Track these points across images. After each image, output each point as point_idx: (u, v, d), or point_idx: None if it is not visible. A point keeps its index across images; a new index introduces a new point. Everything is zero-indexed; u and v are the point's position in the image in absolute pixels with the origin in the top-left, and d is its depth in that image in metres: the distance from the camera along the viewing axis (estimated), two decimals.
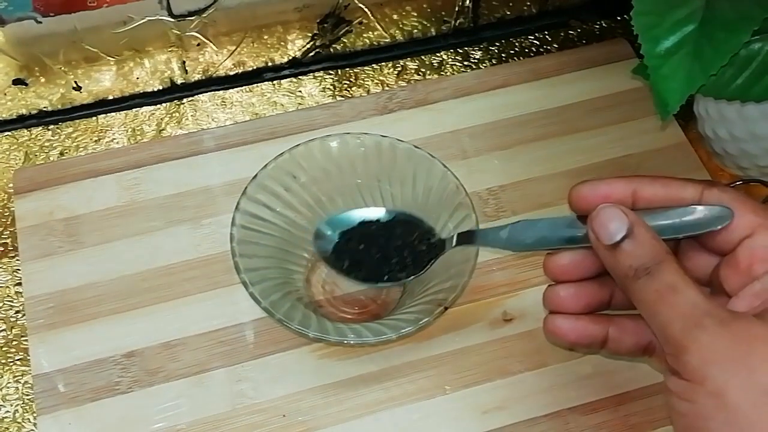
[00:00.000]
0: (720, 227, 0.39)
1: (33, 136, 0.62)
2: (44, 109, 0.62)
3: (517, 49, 0.67)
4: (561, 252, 0.43)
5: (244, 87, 0.64)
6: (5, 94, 0.61)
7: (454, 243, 0.48)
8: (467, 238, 0.48)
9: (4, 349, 0.52)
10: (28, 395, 0.51)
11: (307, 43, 0.65)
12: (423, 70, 0.65)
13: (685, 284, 0.37)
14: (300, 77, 0.65)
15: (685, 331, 0.36)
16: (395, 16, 0.66)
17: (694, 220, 0.40)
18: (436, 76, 0.65)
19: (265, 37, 0.64)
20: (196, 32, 0.62)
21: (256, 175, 0.51)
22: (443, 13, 0.66)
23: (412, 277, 0.50)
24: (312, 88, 0.64)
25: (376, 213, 0.52)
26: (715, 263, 0.41)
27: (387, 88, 0.64)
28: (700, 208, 0.40)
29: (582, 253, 0.43)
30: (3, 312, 0.54)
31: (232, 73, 0.65)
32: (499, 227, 0.45)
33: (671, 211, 0.40)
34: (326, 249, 0.51)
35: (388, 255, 0.50)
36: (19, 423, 0.50)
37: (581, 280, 0.43)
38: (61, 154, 0.61)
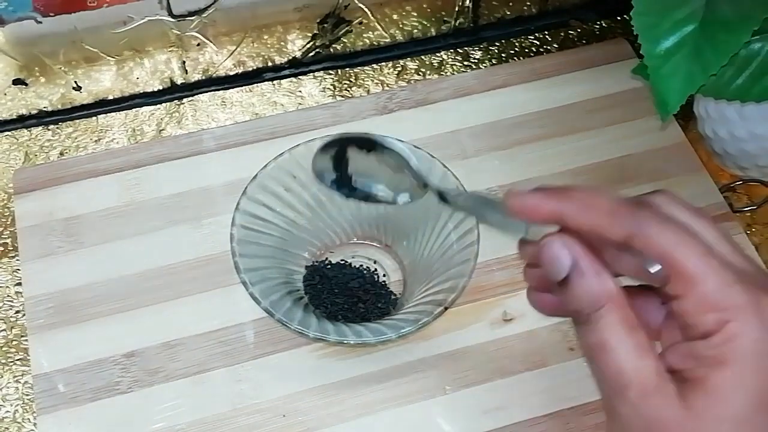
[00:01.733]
0: (654, 284, 0.35)
1: (33, 136, 0.62)
2: (44, 109, 0.62)
3: (517, 49, 0.67)
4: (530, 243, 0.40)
5: (244, 87, 0.64)
6: (5, 94, 0.61)
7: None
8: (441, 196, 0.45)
9: (4, 349, 0.52)
10: (28, 395, 0.51)
11: (307, 43, 0.65)
12: (423, 70, 0.65)
13: (617, 341, 0.35)
14: (300, 77, 0.65)
15: (609, 397, 0.35)
16: (395, 16, 0.66)
17: (628, 266, 0.35)
18: (436, 76, 0.65)
19: (265, 37, 0.64)
20: (196, 32, 0.62)
21: (256, 175, 0.51)
22: (443, 13, 0.66)
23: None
24: (312, 88, 0.64)
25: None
26: None
27: (387, 88, 0.64)
28: (629, 256, 0.35)
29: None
30: (3, 312, 0.54)
31: (232, 73, 0.65)
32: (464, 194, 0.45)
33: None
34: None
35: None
36: (19, 423, 0.50)
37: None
38: (61, 154, 0.61)
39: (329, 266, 0.53)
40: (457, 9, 0.66)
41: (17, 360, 0.52)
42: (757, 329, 0.34)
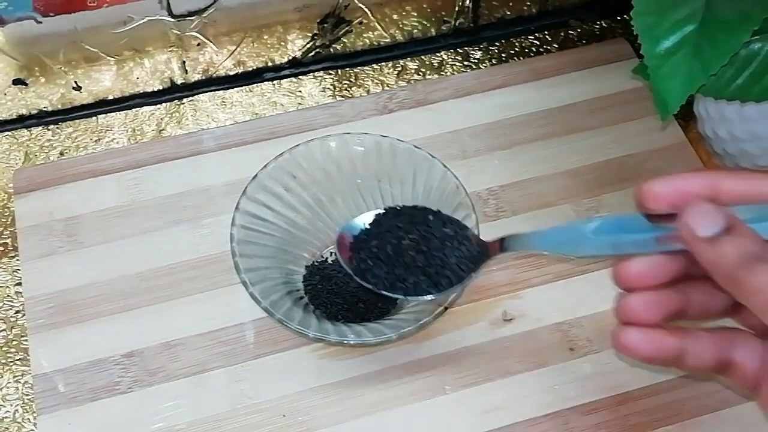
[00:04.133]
0: None
1: (33, 136, 0.62)
2: (44, 109, 0.62)
3: (517, 49, 0.67)
4: (634, 258, 0.39)
5: (244, 87, 0.64)
6: (5, 94, 0.61)
7: (499, 248, 0.44)
8: (514, 242, 0.44)
9: (4, 349, 0.52)
10: (28, 395, 0.51)
11: (307, 43, 0.65)
12: (423, 70, 0.65)
13: None
14: (300, 77, 0.65)
15: None
16: (395, 16, 0.66)
17: None
18: (436, 76, 0.65)
19: (265, 37, 0.64)
20: (196, 32, 0.62)
21: (256, 175, 0.51)
22: (443, 13, 0.66)
23: (451, 289, 0.46)
24: (312, 88, 0.64)
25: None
26: None
27: (387, 88, 0.64)
28: None
29: (657, 258, 0.38)
30: (3, 312, 0.54)
31: (232, 73, 0.65)
32: (555, 229, 0.42)
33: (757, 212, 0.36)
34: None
35: (421, 264, 0.46)
36: (19, 423, 0.50)
37: (655, 287, 0.39)
38: (61, 154, 0.61)
39: (329, 266, 0.53)
40: (457, 9, 0.66)
41: (17, 360, 0.52)
42: None
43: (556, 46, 0.67)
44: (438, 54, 0.66)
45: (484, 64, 0.66)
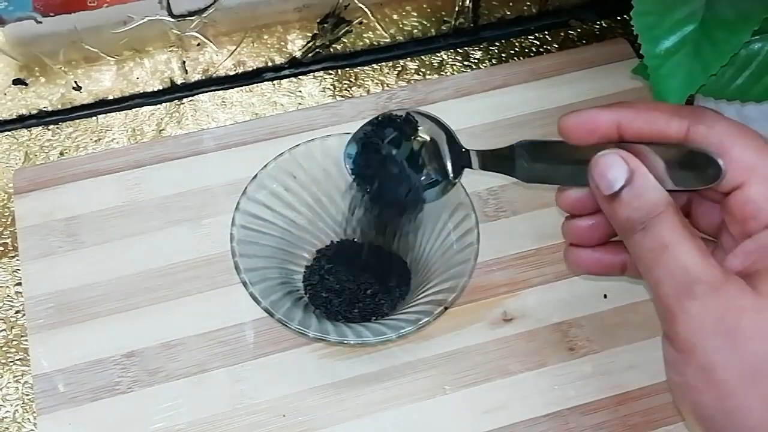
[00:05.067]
0: (708, 186, 0.36)
1: (33, 136, 0.62)
2: (44, 109, 0.62)
3: (517, 49, 0.67)
4: (573, 189, 0.42)
5: (244, 87, 0.64)
6: (5, 94, 0.61)
7: (473, 165, 0.46)
8: (479, 160, 0.46)
9: (4, 349, 0.52)
10: (28, 395, 0.51)
11: (307, 43, 0.65)
12: (423, 70, 0.65)
13: (679, 242, 0.35)
14: (300, 77, 0.65)
15: (675, 296, 0.35)
16: (395, 16, 0.66)
17: (679, 175, 0.37)
18: (436, 76, 0.65)
19: (265, 37, 0.64)
20: (196, 32, 0.62)
21: (256, 175, 0.51)
22: (443, 13, 0.66)
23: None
24: (312, 88, 0.64)
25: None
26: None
27: (387, 88, 0.64)
28: (683, 165, 0.37)
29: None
30: (3, 312, 0.54)
31: (232, 73, 0.65)
32: (508, 147, 0.44)
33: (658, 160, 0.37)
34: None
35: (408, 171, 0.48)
36: (19, 423, 0.50)
37: (595, 213, 0.42)
38: (61, 154, 0.61)
39: (329, 266, 0.53)
40: (457, 9, 0.66)
41: (17, 360, 0.52)
42: None
43: (556, 46, 0.67)
44: (438, 54, 0.66)
45: (484, 64, 0.66)
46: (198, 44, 0.63)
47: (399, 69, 0.65)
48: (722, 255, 0.38)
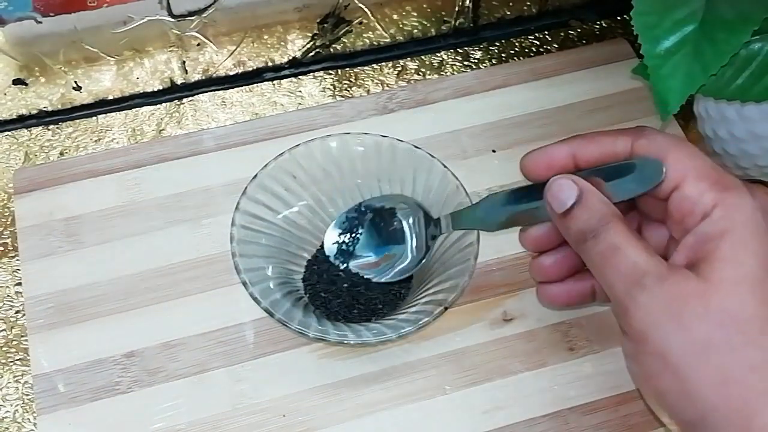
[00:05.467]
0: (653, 187, 0.40)
1: (33, 136, 0.62)
2: (44, 109, 0.62)
3: (517, 49, 0.67)
4: (533, 227, 0.46)
5: (244, 87, 0.64)
6: (5, 94, 0.61)
7: (442, 229, 0.50)
8: (450, 222, 0.49)
9: (4, 349, 0.52)
10: (28, 395, 0.51)
11: (307, 43, 0.65)
12: (423, 70, 0.65)
13: (627, 244, 0.38)
14: (300, 77, 0.65)
15: (627, 291, 0.37)
16: (395, 16, 0.66)
17: (629, 185, 0.41)
18: (436, 76, 0.65)
19: (265, 37, 0.64)
20: (196, 32, 0.62)
21: (256, 175, 0.51)
22: (443, 13, 0.66)
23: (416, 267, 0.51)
24: (312, 88, 0.64)
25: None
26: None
27: (387, 88, 0.64)
28: (630, 176, 0.41)
29: (549, 225, 0.45)
30: (3, 312, 0.54)
31: (232, 73, 0.65)
32: (473, 206, 0.48)
33: (610, 179, 0.42)
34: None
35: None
36: (19, 423, 0.50)
37: (558, 247, 0.46)
38: (61, 154, 0.61)
39: (329, 266, 0.53)
40: (457, 9, 0.66)
41: (17, 360, 0.52)
42: (751, 203, 0.38)
43: (556, 46, 0.67)
44: (438, 54, 0.66)
45: (484, 64, 0.66)
46: (198, 44, 0.63)
47: (399, 69, 0.65)
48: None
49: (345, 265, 0.52)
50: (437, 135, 0.59)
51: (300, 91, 0.64)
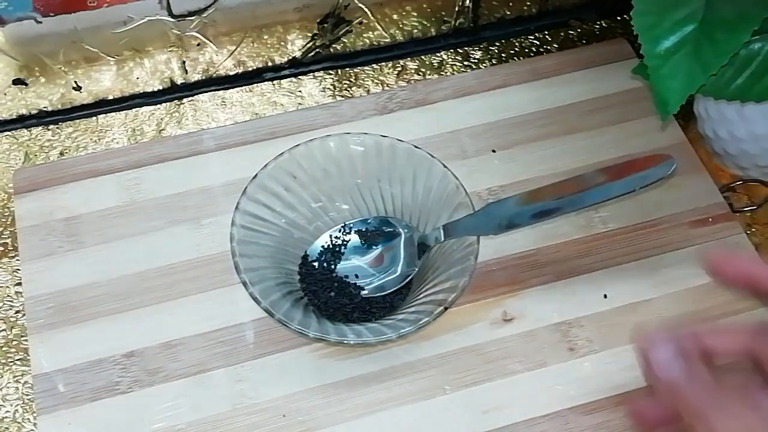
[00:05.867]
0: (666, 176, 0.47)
1: (33, 136, 0.62)
2: (44, 109, 0.62)
3: (517, 49, 0.67)
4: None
5: (244, 87, 0.64)
6: (5, 94, 0.61)
7: (441, 237, 0.50)
8: (447, 232, 0.50)
9: (4, 349, 0.52)
10: (28, 395, 0.51)
11: (307, 43, 0.65)
12: (423, 70, 0.65)
13: None
14: (300, 77, 0.65)
15: None
16: (395, 16, 0.66)
17: (643, 176, 0.47)
18: (436, 76, 0.65)
19: (265, 37, 0.64)
20: (196, 32, 0.62)
21: (256, 175, 0.51)
22: (443, 13, 0.66)
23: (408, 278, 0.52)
24: (312, 88, 0.64)
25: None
26: None
27: (387, 88, 0.64)
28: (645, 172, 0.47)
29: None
30: (3, 312, 0.54)
31: (232, 73, 0.65)
32: (472, 214, 0.49)
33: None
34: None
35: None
36: (19, 423, 0.50)
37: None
38: (61, 154, 0.61)
39: (328, 266, 0.53)
40: (457, 9, 0.66)
41: (17, 360, 0.52)
42: None
43: (556, 46, 0.67)
44: (438, 54, 0.66)
45: (484, 64, 0.66)
46: (198, 44, 0.63)
47: (399, 69, 0.65)
48: None
49: (336, 273, 0.52)
50: (437, 135, 0.59)
51: (300, 91, 0.64)
